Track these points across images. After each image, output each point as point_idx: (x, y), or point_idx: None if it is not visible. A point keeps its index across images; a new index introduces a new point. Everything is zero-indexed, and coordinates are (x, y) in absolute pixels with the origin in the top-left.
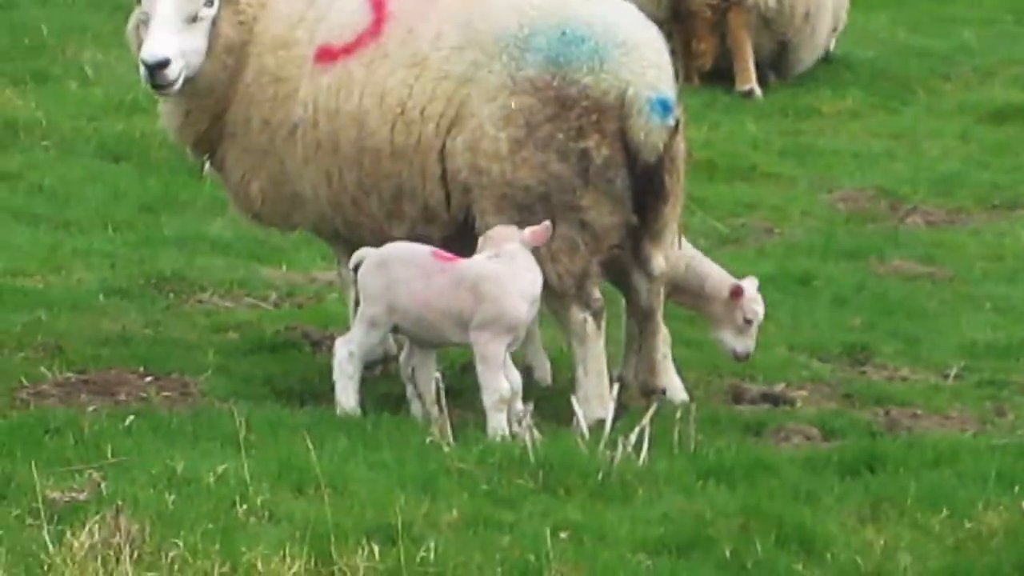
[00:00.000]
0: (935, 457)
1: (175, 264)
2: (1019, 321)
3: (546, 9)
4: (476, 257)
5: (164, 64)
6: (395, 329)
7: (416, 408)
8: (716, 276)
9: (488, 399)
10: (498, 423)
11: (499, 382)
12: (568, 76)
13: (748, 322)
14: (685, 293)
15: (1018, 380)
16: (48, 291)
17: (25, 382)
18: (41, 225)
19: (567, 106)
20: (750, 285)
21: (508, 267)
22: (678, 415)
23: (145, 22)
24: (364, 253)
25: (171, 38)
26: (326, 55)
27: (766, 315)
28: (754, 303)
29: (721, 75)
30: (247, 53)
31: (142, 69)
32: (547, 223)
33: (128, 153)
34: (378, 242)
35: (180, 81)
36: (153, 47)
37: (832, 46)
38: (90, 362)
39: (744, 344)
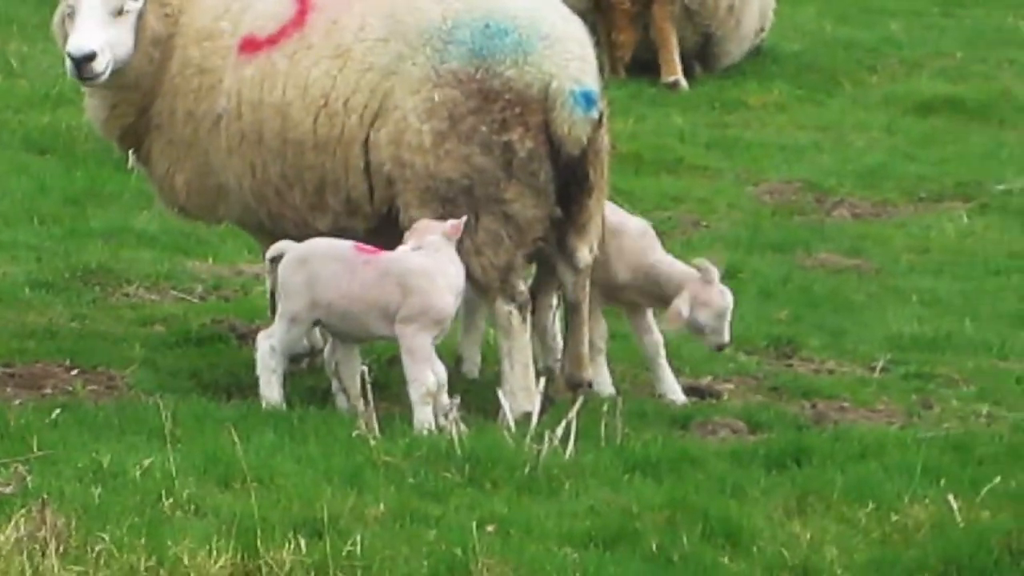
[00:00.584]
0: (861, 450)
1: (101, 257)
2: (945, 314)
3: (470, 2)
4: (400, 249)
5: (91, 57)
6: (317, 323)
7: (341, 402)
8: (678, 275)
9: (415, 392)
10: (425, 416)
11: (425, 375)
12: (491, 69)
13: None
14: (648, 297)
15: (944, 373)
16: None
17: None
18: None
19: (490, 99)
20: (703, 291)
21: (433, 260)
22: (605, 408)
23: (71, 15)
24: (283, 247)
25: (97, 31)
26: (250, 46)
27: None
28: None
29: (647, 67)
30: (173, 45)
31: (68, 62)
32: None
33: (54, 146)
34: (302, 235)
35: (107, 73)
36: (79, 40)
37: (760, 43)
38: (16, 355)
39: (710, 340)
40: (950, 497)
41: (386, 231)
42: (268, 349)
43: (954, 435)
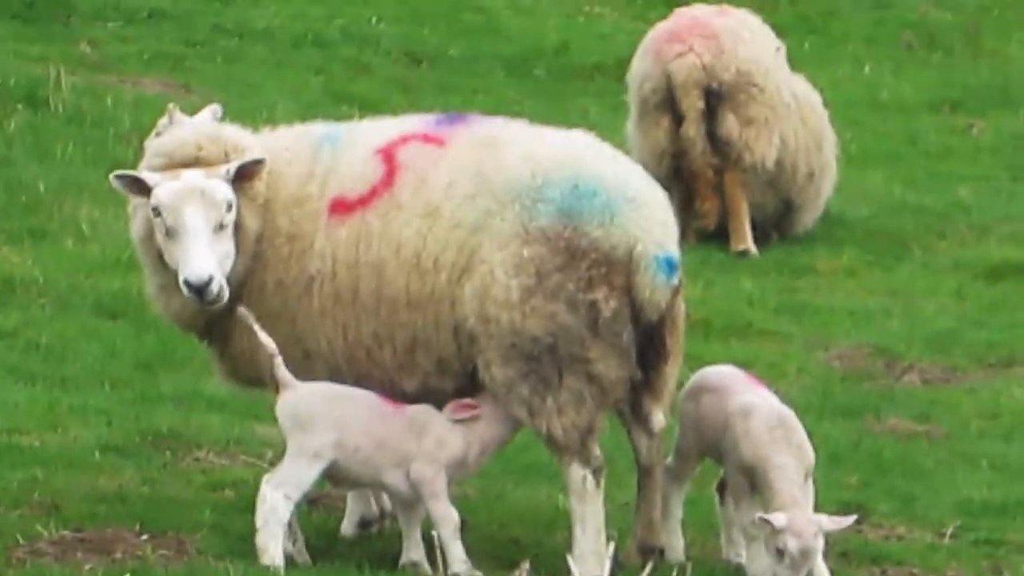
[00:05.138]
0: None
1: (172, 422)
2: (1016, 479)
3: (559, 161)
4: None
5: (210, 281)
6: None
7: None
8: (780, 500)
9: (445, 530)
10: (459, 551)
11: (451, 511)
12: (579, 228)
13: (779, 552)
14: (760, 490)
15: (1015, 539)
16: (44, 448)
17: (21, 540)
18: (38, 382)
19: (577, 257)
20: (799, 521)
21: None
22: (674, 573)
23: (170, 236)
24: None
25: (208, 253)
26: (341, 207)
27: None
28: (790, 536)
29: (716, 233)
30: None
31: (186, 290)
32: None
33: (124, 310)
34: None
35: (225, 292)
36: (196, 267)
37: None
38: (86, 520)
39: (783, 574)
40: None
41: (471, 392)
42: (281, 498)
43: None
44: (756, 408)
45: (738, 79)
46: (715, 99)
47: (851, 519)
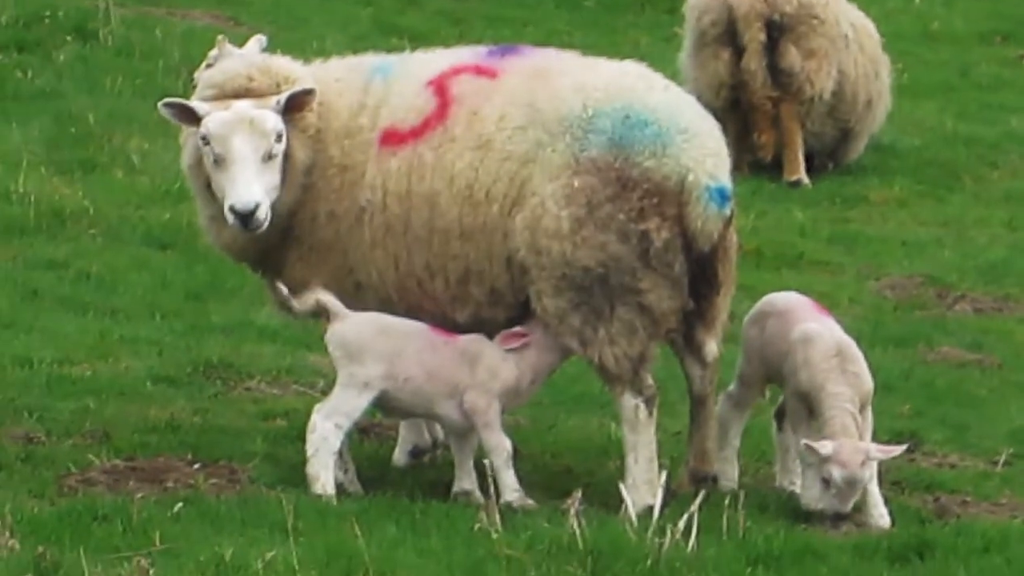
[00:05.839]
0: (984, 544)
1: (222, 351)
2: None
3: (610, 92)
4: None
5: (256, 209)
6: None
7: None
8: (830, 428)
9: (497, 458)
10: (511, 480)
11: (504, 440)
12: (630, 158)
13: (825, 481)
14: (814, 417)
15: None
16: (96, 379)
17: (73, 469)
18: (88, 313)
19: (628, 187)
20: (846, 449)
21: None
22: (727, 501)
23: (218, 164)
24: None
25: (255, 181)
26: (393, 139)
27: None
28: (835, 465)
29: (767, 163)
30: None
31: (231, 217)
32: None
33: (175, 241)
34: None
35: (267, 221)
36: (243, 195)
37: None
38: (138, 449)
39: (830, 502)
40: None
41: (522, 321)
42: (332, 428)
43: None
44: (816, 335)
45: (799, 11)
46: (776, 31)
47: (900, 448)
